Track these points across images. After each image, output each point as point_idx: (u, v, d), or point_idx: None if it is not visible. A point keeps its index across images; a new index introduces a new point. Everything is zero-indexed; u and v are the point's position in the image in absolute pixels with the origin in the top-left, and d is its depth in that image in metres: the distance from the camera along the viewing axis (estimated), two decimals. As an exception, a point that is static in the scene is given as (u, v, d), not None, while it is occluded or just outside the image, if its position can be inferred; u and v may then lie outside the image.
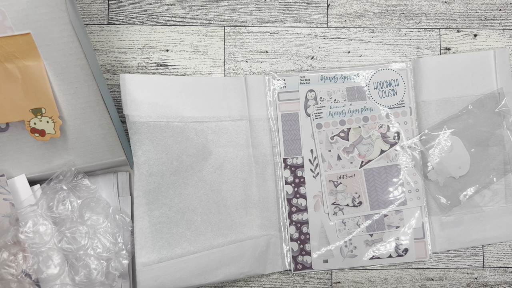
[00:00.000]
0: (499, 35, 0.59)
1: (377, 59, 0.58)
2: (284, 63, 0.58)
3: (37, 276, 0.47)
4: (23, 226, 0.48)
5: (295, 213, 0.56)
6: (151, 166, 0.52)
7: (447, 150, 0.57)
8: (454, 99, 0.57)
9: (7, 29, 0.42)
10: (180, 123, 0.53)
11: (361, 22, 0.59)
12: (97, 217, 0.51)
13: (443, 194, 0.56)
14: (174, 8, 0.57)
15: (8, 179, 0.50)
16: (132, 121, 0.51)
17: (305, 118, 0.57)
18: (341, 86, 0.57)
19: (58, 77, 0.45)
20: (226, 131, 0.55)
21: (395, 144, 0.57)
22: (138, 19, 0.57)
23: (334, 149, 0.57)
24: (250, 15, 0.58)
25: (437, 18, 0.59)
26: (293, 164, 0.56)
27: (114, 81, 0.56)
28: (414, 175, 0.57)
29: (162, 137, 0.53)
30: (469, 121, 0.57)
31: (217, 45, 0.57)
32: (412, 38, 0.59)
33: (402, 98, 0.57)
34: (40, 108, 0.46)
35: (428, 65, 0.56)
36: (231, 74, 0.57)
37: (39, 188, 0.51)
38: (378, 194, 0.57)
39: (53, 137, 0.47)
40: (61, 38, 0.43)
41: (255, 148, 0.56)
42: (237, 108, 0.56)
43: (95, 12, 0.56)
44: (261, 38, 0.58)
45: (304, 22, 0.58)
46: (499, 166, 0.57)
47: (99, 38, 0.56)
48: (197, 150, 0.54)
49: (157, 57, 0.57)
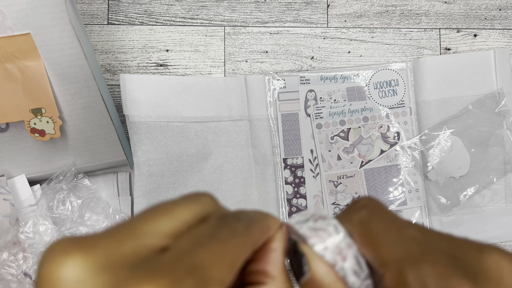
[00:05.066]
0: (499, 35, 0.59)
1: (377, 59, 0.58)
2: (284, 63, 0.58)
3: (37, 276, 0.47)
4: (23, 226, 0.48)
5: (295, 213, 0.56)
6: (151, 166, 0.52)
7: (447, 150, 0.57)
8: (454, 99, 0.57)
9: (7, 29, 0.42)
10: (180, 123, 0.53)
11: (361, 22, 0.59)
12: (97, 217, 0.51)
13: (443, 194, 0.56)
14: (174, 8, 0.57)
15: (8, 179, 0.50)
16: (132, 121, 0.51)
17: (305, 118, 0.57)
18: (341, 86, 0.57)
19: (58, 77, 0.45)
20: (226, 131, 0.55)
21: (395, 144, 0.57)
22: (138, 19, 0.57)
23: (334, 149, 0.57)
24: (250, 15, 0.58)
25: (437, 18, 0.59)
26: (293, 164, 0.56)
27: (114, 81, 0.56)
28: (414, 175, 0.57)
29: (162, 137, 0.53)
30: (469, 121, 0.57)
31: (217, 45, 0.57)
32: (412, 38, 0.59)
33: (402, 98, 0.57)
34: (40, 108, 0.46)
35: (428, 65, 0.56)
36: (231, 74, 0.57)
37: (39, 188, 0.51)
38: (378, 194, 0.57)
39: (53, 137, 0.47)
40: (61, 38, 0.43)
41: (255, 148, 0.56)
42: (237, 108, 0.56)
43: (95, 12, 0.56)
44: (261, 38, 0.58)
45: (304, 22, 0.58)
46: (499, 166, 0.57)
47: (99, 38, 0.56)
48: (197, 150, 0.54)
49: (157, 57, 0.57)
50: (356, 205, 0.19)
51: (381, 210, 0.18)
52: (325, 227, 0.18)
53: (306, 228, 0.18)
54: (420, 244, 0.16)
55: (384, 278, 0.16)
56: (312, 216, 0.19)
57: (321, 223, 0.18)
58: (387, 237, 0.17)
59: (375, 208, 0.18)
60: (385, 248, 0.17)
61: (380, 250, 0.17)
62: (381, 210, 0.18)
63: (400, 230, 0.17)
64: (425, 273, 0.15)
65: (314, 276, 0.17)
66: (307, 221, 0.19)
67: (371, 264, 0.17)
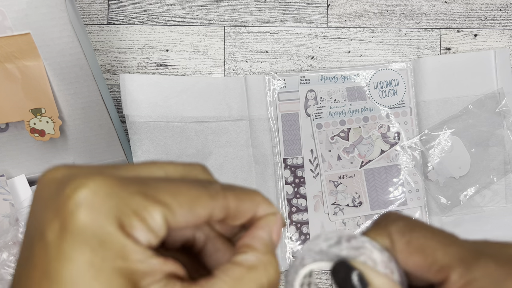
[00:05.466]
0: (499, 35, 0.59)
1: (377, 59, 0.58)
2: (284, 63, 0.58)
3: (37, 277, 0.47)
4: (22, 226, 0.48)
5: (295, 214, 0.56)
6: (151, 166, 0.52)
7: (448, 150, 0.57)
8: (455, 99, 0.57)
9: (6, 29, 0.42)
10: (180, 123, 0.53)
11: (361, 22, 0.59)
12: (97, 217, 0.51)
13: (443, 194, 0.56)
14: (174, 8, 0.57)
15: (8, 179, 0.50)
16: (132, 121, 0.51)
17: (305, 118, 0.57)
18: (341, 86, 0.57)
19: (58, 77, 0.45)
20: (226, 131, 0.55)
21: (395, 144, 0.57)
22: (138, 19, 0.57)
23: (334, 149, 0.56)
24: (250, 15, 0.58)
25: (438, 18, 0.59)
26: (293, 164, 0.56)
27: (114, 81, 0.56)
28: (414, 175, 0.57)
29: (162, 137, 0.52)
30: (469, 121, 0.57)
31: (217, 45, 0.57)
32: (412, 38, 0.59)
33: (402, 98, 0.57)
34: (40, 108, 0.46)
35: (428, 65, 0.56)
36: (231, 74, 0.57)
37: (39, 188, 0.51)
38: (378, 194, 0.57)
39: (52, 137, 0.47)
40: (61, 38, 0.43)
41: (255, 148, 0.56)
42: (237, 108, 0.56)
43: (95, 12, 0.56)
44: (261, 38, 0.58)
45: (304, 22, 0.58)
46: (499, 166, 0.57)
47: (99, 38, 0.56)
48: (197, 150, 0.54)
49: (157, 57, 0.57)
50: (386, 219, 0.19)
51: (415, 220, 0.19)
52: (361, 245, 0.18)
53: (346, 249, 0.18)
54: (467, 245, 0.17)
55: (448, 281, 0.17)
56: (342, 237, 0.19)
57: (355, 241, 0.18)
58: (438, 241, 0.17)
59: (408, 219, 0.19)
60: (441, 251, 0.17)
61: (435, 255, 0.17)
62: (415, 220, 0.19)
63: (444, 233, 0.18)
64: (487, 266, 0.16)
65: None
66: (339, 243, 0.18)
67: (417, 274, 0.18)
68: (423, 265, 0.17)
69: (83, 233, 0.15)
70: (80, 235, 0.15)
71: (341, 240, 0.19)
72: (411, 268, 0.18)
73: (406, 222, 0.19)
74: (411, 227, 0.18)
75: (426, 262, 0.17)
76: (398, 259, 0.18)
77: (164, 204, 0.16)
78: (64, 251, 0.15)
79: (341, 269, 0.18)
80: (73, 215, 0.15)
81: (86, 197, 0.15)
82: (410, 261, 0.18)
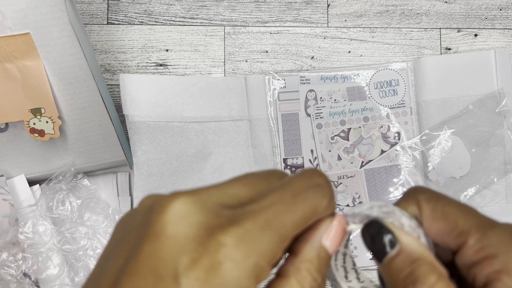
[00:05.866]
0: (499, 35, 0.59)
1: (378, 59, 0.58)
2: (284, 63, 0.58)
3: (36, 277, 0.47)
4: (22, 226, 0.47)
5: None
6: (151, 166, 0.52)
7: (448, 150, 0.57)
8: (455, 99, 0.57)
9: (6, 29, 0.42)
10: (180, 123, 0.53)
11: (362, 22, 0.58)
12: (96, 218, 0.51)
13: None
14: (174, 8, 0.57)
15: (8, 179, 0.50)
16: (131, 121, 0.51)
17: (305, 118, 0.56)
18: (341, 86, 0.57)
19: (58, 77, 0.45)
20: (226, 131, 0.55)
21: (396, 144, 0.57)
22: (138, 19, 0.57)
23: (334, 149, 0.56)
24: (250, 15, 0.58)
25: (438, 18, 0.59)
26: (293, 164, 0.56)
27: (113, 81, 0.56)
28: (415, 175, 0.57)
29: (162, 137, 0.52)
30: (469, 121, 0.56)
31: (217, 45, 0.57)
32: (412, 38, 0.59)
33: (403, 98, 0.57)
34: (40, 108, 0.45)
35: (429, 65, 0.56)
36: (231, 74, 0.57)
37: (39, 188, 0.51)
38: (378, 194, 0.56)
39: (52, 137, 0.47)
40: (60, 38, 0.43)
41: (255, 148, 0.56)
42: (237, 108, 0.55)
43: (95, 12, 0.56)
44: (261, 38, 0.58)
45: (304, 22, 0.58)
46: (499, 166, 0.57)
47: (99, 38, 0.56)
48: (197, 150, 0.54)
49: (156, 57, 0.57)
50: (414, 190, 0.21)
51: (441, 193, 0.21)
52: (392, 211, 0.20)
53: (377, 212, 0.20)
54: (486, 217, 0.19)
55: (466, 245, 0.19)
56: (374, 205, 0.20)
57: (386, 208, 0.20)
58: (460, 210, 0.19)
59: (435, 191, 0.21)
60: (462, 218, 0.19)
61: (456, 221, 0.19)
62: (441, 193, 0.21)
63: (466, 206, 0.20)
64: (502, 234, 0.18)
65: (405, 248, 0.19)
66: (371, 209, 0.20)
67: (438, 239, 0.20)
68: (445, 229, 0.19)
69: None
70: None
71: (373, 206, 0.20)
72: (434, 233, 0.20)
73: (433, 192, 0.21)
74: (437, 196, 0.20)
75: (448, 226, 0.19)
76: (424, 225, 0.20)
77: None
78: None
79: (371, 227, 0.20)
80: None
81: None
82: (434, 226, 0.20)
